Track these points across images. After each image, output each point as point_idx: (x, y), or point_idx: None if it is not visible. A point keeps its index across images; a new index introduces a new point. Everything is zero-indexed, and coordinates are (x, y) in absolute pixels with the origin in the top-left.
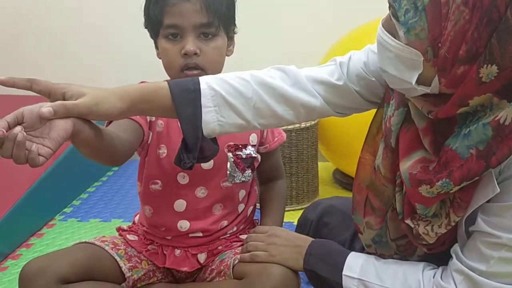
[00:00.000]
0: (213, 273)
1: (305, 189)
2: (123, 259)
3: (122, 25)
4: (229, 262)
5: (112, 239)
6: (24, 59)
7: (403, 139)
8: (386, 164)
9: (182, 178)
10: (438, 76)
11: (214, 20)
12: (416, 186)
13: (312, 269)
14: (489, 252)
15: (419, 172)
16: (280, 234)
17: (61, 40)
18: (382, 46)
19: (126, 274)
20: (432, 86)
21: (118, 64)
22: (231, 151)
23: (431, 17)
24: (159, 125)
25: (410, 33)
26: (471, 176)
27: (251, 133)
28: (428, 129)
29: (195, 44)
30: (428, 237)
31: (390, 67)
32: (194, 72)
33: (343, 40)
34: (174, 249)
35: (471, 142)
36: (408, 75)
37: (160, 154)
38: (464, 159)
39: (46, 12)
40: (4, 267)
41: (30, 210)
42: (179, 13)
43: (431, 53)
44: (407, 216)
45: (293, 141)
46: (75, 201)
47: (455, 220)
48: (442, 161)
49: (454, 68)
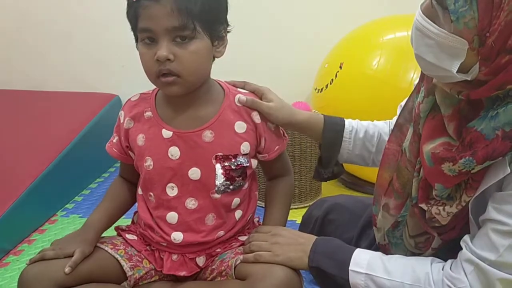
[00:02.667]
0: (214, 273)
1: (308, 187)
2: (124, 258)
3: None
4: (231, 263)
5: (110, 240)
6: (29, 52)
7: (428, 125)
8: (412, 148)
9: (171, 190)
10: (480, 65)
11: (188, 23)
12: (438, 164)
13: (318, 266)
14: (498, 240)
15: (442, 151)
16: (283, 234)
17: (66, 33)
18: (421, 33)
19: (128, 273)
20: (471, 74)
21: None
22: (219, 162)
23: (483, 7)
24: (141, 139)
25: (459, 22)
26: (495, 156)
27: (243, 142)
28: (453, 115)
29: (168, 49)
30: (440, 217)
31: (428, 55)
32: (169, 79)
33: (346, 39)
34: (171, 254)
35: (498, 124)
36: (449, 63)
37: (147, 167)
38: (489, 140)
39: (51, 5)
40: (5, 263)
41: (32, 205)
42: (150, 16)
43: (477, 42)
44: (422, 201)
45: (297, 140)
46: (77, 197)
47: (466, 200)
48: (466, 142)
49: (499, 57)
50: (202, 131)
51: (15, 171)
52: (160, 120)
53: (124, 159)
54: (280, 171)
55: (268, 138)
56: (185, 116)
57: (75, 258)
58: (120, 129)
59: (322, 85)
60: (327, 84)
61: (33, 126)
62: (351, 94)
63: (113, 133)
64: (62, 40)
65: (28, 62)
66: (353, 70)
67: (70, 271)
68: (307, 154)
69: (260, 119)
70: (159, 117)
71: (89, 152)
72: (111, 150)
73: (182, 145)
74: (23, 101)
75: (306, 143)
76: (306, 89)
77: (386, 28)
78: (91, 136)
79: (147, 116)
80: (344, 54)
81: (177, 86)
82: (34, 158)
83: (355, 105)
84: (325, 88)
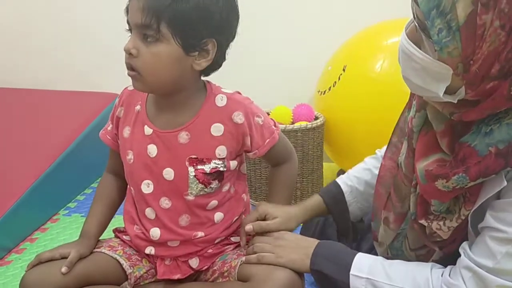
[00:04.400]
0: (216, 273)
1: (310, 189)
2: (123, 257)
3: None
4: (234, 263)
5: (107, 243)
6: (31, 51)
7: (421, 142)
8: (407, 163)
9: (147, 187)
10: (466, 88)
11: (152, 22)
12: (432, 181)
13: (319, 270)
14: (496, 248)
15: (435, 168)
16: (287, 237)
17: (69, 33)
18: (407, 56)
19: (128, 270)
20: (458, 96)
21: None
22: (192, 165)
23: (465, 37)
24: (126, 131)
25: (442, 51)
26: (488, 173)
27: (218, 146)
28: (446, 131)
29: (134, 44)
30: (442, 232)
31: (415, 77)
32: (131, 73)
33: (349, 42)
34: (163, 259)
35: (492, 141)
36: (435, 86)
37: (128, 160)
38: (482, 156)
39: (54, 4)
40: (8, 261)
41: (34, 204)
42: (130, 10)
43: (461, 69)
44: (421, 216)
45: (299, 142)
46: (80, 196)
47: (465, 213)
48: (459, 157)
49: (484, 83)
50: (178, 132)
51: (17, 169)
52: (145, 116)
53: (116, 147)
54: (281, 159)
55: (255, 135)
56: (166, 117)
57: (70, 257)
58: (113, 116)
59: (325, 88)
60: (330, 87)
61: (35, 125)
62: (354, 96)
63: (109, 120)
64: (65, 40)
65: (30, 61)
66: (356, 73)
67: (67, 271)
68: (309, 157)
69: (244, 118)
70: (146, 113)
71: (91, 151)
72: (105, 137)
73: (160, 144)
74: (25, 100)
75: (308, 145)
76: (309, 91)
77: (389, 32)
78: (93, 135)
79: (136, 109)
80: (347, 56)
81: (138, 82)
82: (36, 156)
83: (358, 108)
84: (328, 91)
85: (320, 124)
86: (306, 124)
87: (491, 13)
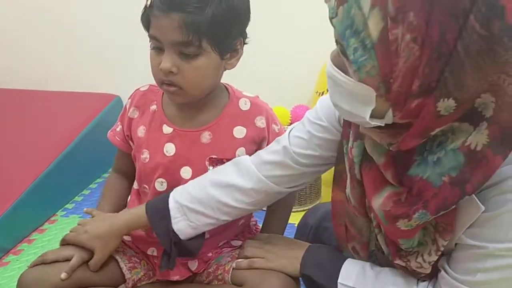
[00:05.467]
0: (210, 276)
1: (308, 190)
2: (123, 259)
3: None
4: (227, 267)
5: None
6: (30, 51)
7: (367, 179)
8: (354, 194)
9: (160, 185)
10: (392, 110)
11: (193, 39)
12: (393, 222)
13: (308, 275)
14: (474, 264)
15: (393, 208)
16: (277, 242)
17: (68, 33)
18: (332, 82)
19: (127, 275)
20: (386, 119)
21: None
22: (212, 165)
23: (381, 55)
24: (141, 130)
25: (361, 71)
26: (448, 205)
27: (239, 148)
28: (388, 164)
29: (172, 62)
30: (423, 269)
31: (342, 103)
32: (171, 89)
33: None
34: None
35: (443, 169)
36: (362, 110)
37: (143, 159)
38: (437, 187)
39: (53, 5)
40: (5, 262)
41: (32, 205)
42: (159, 27)
43: (383, 89)
44: (395, 256)
45: None
46: (77, 197)
47: (443, 244)
48: (414, 192)
49: (408, 102)
50: (201, 132)
51: (15, 170)
52: (163, 116)
53: (126, 147)
54: None
55: (271, 141)
56: (187, 116)
57: (72, 263)
58: (124, 117)
59: (324, 89)
60: None
61: (33, 126)
62: None
63: (117, 121)
64: (64, 40)
65: (29, 62)
66: None
67: (66, 277)
68: None
69: (265, 123)
70: (163, 112)
71: (90, 152)
72: (113, 138)
73: (179, 143)
74: (23, 101)
75: None
76: (307, 92)
77: None
78: (92, 136)
79: (152, 109)
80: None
81: (180, 96)
82: (34, 157)
83: None
84: (326, 91)
85: None
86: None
87: (401, 27)
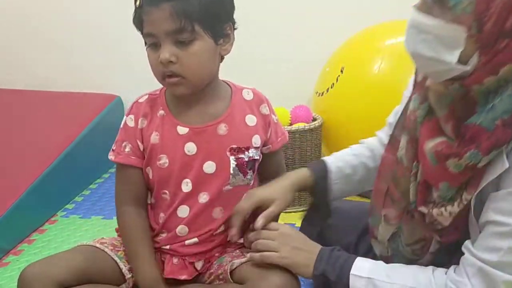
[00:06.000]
0: (212, 276)
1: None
2: (123, 260)
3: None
4: (227, 267)
5: (111, 241)
6: (31, 51)
7: (425, 127)
8: (409, 155)
9: (186, 185)
10: (479, 53)
11: (186, 25)
12: (443, 161)
13: (321, 273)
14: (499, 242)
15: (445, 149)
16: (292, 235)
17: (69, 33)
18: (417, 30)
19: (127, 275)
20: (470, 64)
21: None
22: (233, 154)
23: None
24: (154, 137)
25: (457, 8)
26: (500, 144)
27: (254, 135)
28: (449, 115)
29: (170, 52)
30: (442, 218)
31: (426, 50)
32: (173, 80)
33: (347, 43)
34: (172, 257)
35: (496, 114)
36: (448, 54)
37: (161, 165)
38: (490, 131)
39: (54, 6)
40: (5, 263)
41: (32, 206)
42: (152, 21)
43: (475, 28)
44: (420, 204)
45: (297, 143)
46: (78, 197)
47: (467, 198)
48: (466, 138)
49: (498, 42)
50: (217, 125)
51: (15, 170)
52: (173, 118)
53: (142, 163)
54: (274, 173)
55: (272, 129)
56: (197, 113)
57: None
58: (132, 133)
59: (323, 89)
60: (328, 88)
61: (34, 126)
62: (352, 98)
63: (119, 142)
64: (64, 40)
65: (30, 62)
66: (354, 74)
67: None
68: (307, 158)
69: (269, 110)
70: (172, 115)
71: (90, 152)
72: (128, 160)
73: (198, 140)
74: (24, 101)
75: (306, 146)
76: (307, 93)
77: (387, 33)
78: (92, 136)
79: (160, 114)
80: (345, 58)
81: (183, 86)
82: (34, 158)
83: (356, 109)
84: (326, 92)
85: (318, 126)
86: (304, 126)
87: None
